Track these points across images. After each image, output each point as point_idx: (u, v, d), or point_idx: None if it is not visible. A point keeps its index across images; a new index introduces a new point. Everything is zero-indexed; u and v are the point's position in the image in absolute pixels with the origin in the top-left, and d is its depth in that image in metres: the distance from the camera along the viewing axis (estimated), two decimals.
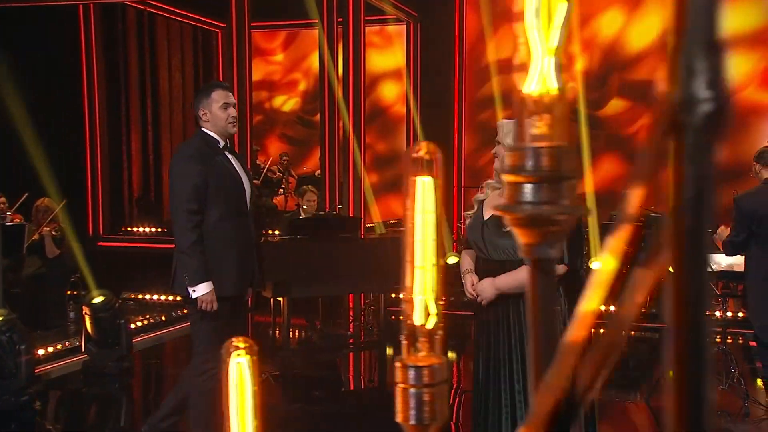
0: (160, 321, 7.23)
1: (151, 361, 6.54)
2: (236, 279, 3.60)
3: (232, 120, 3.60)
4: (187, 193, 3.49)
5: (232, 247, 3.58)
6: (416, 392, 0.56)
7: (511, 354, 2.95)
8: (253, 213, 3.82)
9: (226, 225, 3.57)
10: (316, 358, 6.37)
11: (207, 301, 3.47)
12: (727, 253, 4.54)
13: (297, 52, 12.56)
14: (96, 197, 10.05)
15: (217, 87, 3.68)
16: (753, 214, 4.26)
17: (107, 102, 10.23)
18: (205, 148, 3.59)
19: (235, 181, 3.62)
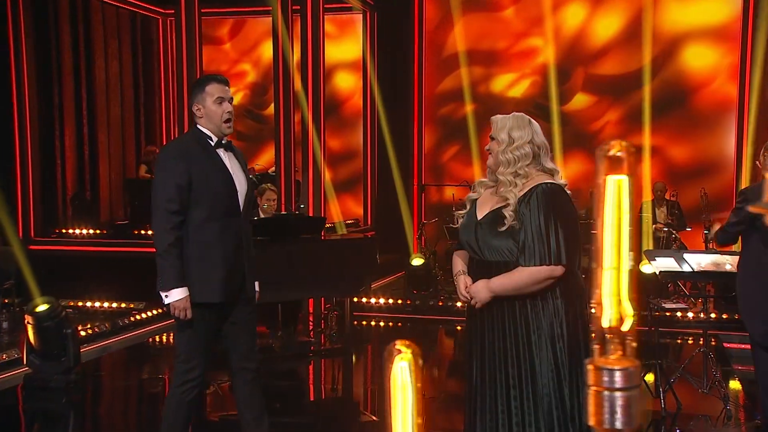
0: (105, 330, 7.05)
1: (98, 373, 6.37)
2: (219, 285, 3.49)
3: (228, 116, 3.52)
4: (168, 193, 3.43)
5: (216, 251, 3.49)
6: (610, 396, 0.55)
7: (506, 358, 2.96)
8: (250, 214, 3.72)
9: (212, 227, 3.48)
10: (277, 367, 6.31)
11: (179, 308, 3.41)
12: (718, 241, 4.64)
13: (245, 41, 12.41)
14: (26, 196, 9.71)
15: (212, 80, 3.55)
16: None
17: (38, 93, 9.91)
18: (194, 145, 3.52)
19: (224, 181, 3.52)
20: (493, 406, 2.98)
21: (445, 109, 10.98)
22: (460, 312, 8.07)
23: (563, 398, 2.91)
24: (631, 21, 10.14)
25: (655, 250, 5.90)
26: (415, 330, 7.90)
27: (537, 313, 2.94)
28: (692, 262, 4.96)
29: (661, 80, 9.93)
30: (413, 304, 8.29)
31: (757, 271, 4.40)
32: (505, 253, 2.96)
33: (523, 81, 10.63)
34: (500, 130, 3.05)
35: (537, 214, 2.91)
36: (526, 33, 10.58)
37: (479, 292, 2.99)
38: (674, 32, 9.96)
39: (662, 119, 9.80)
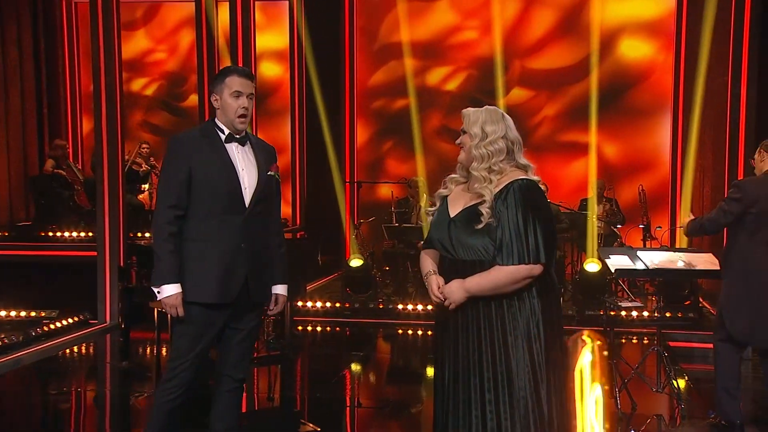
0: (16, 341, 6.75)
1: (10, 388, 6.10)
2: (214, 285, 3.48)
3: (243, 111, 3.51)
4: (168, 186, 3.48)
5: (212, 249, 3.48)
6: None
7: (481, 360, 2.97)
8: (263, 213, 3.64)
9: (210, 224, 3.48)
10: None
11: (169, 305, 3.45)
12: (700, 232, 4.81)
13: (160, 28, 12.09)
14: None
15: (233, 72, 3.57)
16: (755, 202, 4.51)
17: None
18: (201, 138, 3.54)
19: (227, 176, 3.50)
20: (467, 410, 2.98)
21: (379, 102, 10.99)
22: (401, 315, 8.13)
23: (540, 400, 2.94)
24: (568, 14, 10.41)
25: (608, 248, 6.09)
26: (356, 334, 7.89)
27: (513, 313, 2.96)
28: (646, 259, 5.13)
29: (598, 75, 10.22)
30: (352, 307, 8.27)
31: (744, 272, 4.58)
32: (480, 251, 2.98)
33: (459, 74, 10.75)
34: (473, 124, 3.07)
35: (514, 212, 2.93)
36: (462, 25, 10.71)
37: (454, 292, 3.00)
38: (610, 27, 10.27)
39: (599, 115, 10.08)
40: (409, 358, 7.19)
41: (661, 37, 10.23)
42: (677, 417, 5.15)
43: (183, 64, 11.89)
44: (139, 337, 7.02)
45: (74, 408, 5.62)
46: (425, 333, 7.81)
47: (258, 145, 3.68)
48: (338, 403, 5.68)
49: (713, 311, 7.81)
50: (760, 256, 4.54)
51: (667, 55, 10.17)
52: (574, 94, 10.36)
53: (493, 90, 10.48)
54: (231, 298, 3.52)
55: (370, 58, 11.00)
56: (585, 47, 10.30)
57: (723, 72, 7.83)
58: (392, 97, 10.93)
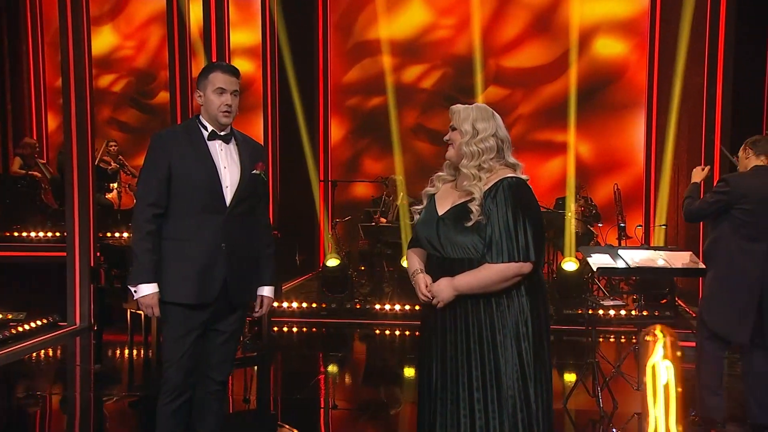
0: None
1: None
2: (194, 285, 3.45)
3: (226, 108, 3.49)
4: (147, 184, 3.47)
5: (190, 249, 3.45)
6: None
7: (470, 359, 2.98)
8: (247, 213, 3.60)
9: (189, 223, 3.46)
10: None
11: (146, 305, 3.44)
12: (689, 214, 4.84)
13: (128, 23, 11.94)
14: None
15: (216, 68, 3.54)
16: (742, 198, 4.56)
17: None
18: (182, 135, 3.53)
19: (207, 174, 3.47)
20: (455, 410, 2.99)
21: (353, 100, 10.98)
22: (379, 315, 8.12)
23: (528, 399, 2.96)
24: (543, 13, 10.48)
25: (590, 246, 6.13)
26: (333, 335, 7.87)
27: (502, 311, 2.98)
28: (627, 258, 5.17)
29: (572, 74, 10.31)
30: (329, 307, 8.24)
31: (728, 268, 4.64)
32: (469, 249, 2.99)
33: (434, 72, 10.77)
34: (464, 121, 3.08)
35: (504, 210, 2.95)
36: (437, 23, 10.73)
37: (442, 291, 3.00)
38: (584, 26, 10.35)
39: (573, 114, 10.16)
40: (387, 359, 7.18)
41: (635, 36, 10.35)
42: None
43: (152, 61, 11.75)
44: (112, 339, 6.93)
45: (44, 412, 5.52)
46: (403, 333, 7.82)
47: (244, 143, 3.64)
48: (315, 405, 5.65)
49: (689, 310, 7.92)
50: (744, 252, 4.60)
51: (641, 54, 10.29)
52: (548, 92, 10.44)
53: (469, 88, 10.53)
54: (209, 299, 3.49)
55: (344, 55, 10.98)
56: (559, 46, 10.39)
57: (698, 72, 7.93)
58: (367, 94, 10.92)
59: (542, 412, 3.00)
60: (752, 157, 4.75)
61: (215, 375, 3.65)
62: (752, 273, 4.62)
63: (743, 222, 4.59)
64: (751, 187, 4.59)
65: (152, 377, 6.10)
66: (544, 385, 3.03)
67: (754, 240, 4.61)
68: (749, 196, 4.57)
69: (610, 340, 7.42)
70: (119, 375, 6.41)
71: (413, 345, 7.59)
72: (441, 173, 3.24)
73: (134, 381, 6.28)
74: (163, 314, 3.50)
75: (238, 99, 3.54)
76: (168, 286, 3.45)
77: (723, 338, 4.77)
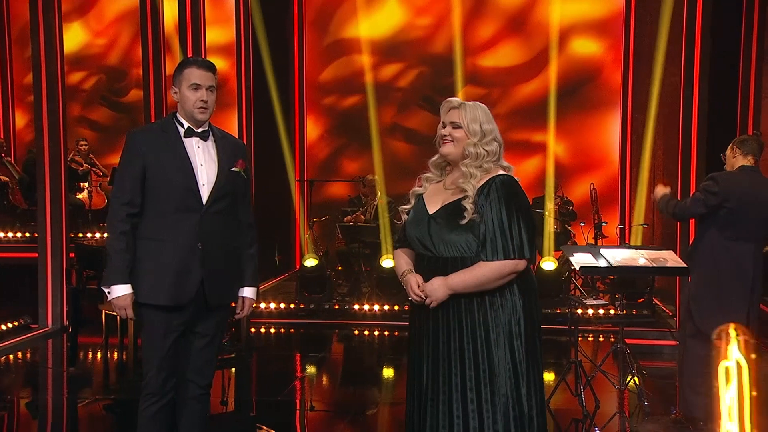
0: None
1: None
2: (169, 286, 3.39)
3: (201, 104, 3.42)
4: (122, 183, 3.43)
5: (168, 249, 3.39)
6: None
7: (463, 359, 2.96)
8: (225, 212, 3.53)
9: (163, 222, 3.40)
10: None
11: (119, 307, 3.38)
12: (674, 214, 4.88)
13: (98, 20, 11.79)
14: None
15: (191, 64, 3.47)
16: (730, 196, 4.60)
17: None
18: (158, 132, 3.48)
19: (182, 172, 3.41)
20: (447, 411, 2.97)
21: (329, 99, 10.94)
22: (358, 315, 8.11)
23: (521, 398, 2.96)
24: (519, 13, 10.53)
25: (572, 246, 6.17)
26: (312, 336, 7.83)
27: (496, 310, 2.97)
28: (609, 257, 5.21)
29: (548, 74, 10.38)
30: (307, 308, 8.20)
31: (714, 267, 4.67)
32: (463, 248, 2.98)
33: (411, 71, 10.77)
34: (472, 121, 3.06)
35: (498, 207, 2.95)
36: (413, 22, 10.73)
37: (436, 290, 2.98)
38: (560, 26, 10.40)
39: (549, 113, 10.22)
40: (366, 360, 7.16)
41: (610, 36, 10.43)
42: (640, 414, 5.24)
43: (124, 58, 11.63)
44: (86, 341, 6.83)
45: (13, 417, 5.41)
46: (382, 334, 7.81)
47: (224, 140, 3.58)
48: (294, 406, 5.62)
49: (665, 308, 8.00)
50: (729, 252, 4.65)
51: (616, 54, 10.38)
52: (525, 92, 10.49)
53: (445, 87, 10.54)
54: (185, 300, 3.42)
55: (320, 53, 10.93)
56: (536, 46, 10.45)
57: (675, 72, 8.02)
58: (343, 93, 10.89)
59: (535, 411, 3.01)
60: (739, 157, 4.80)
61: (198, 379, 3.59)
62: (740, 273, 4.67)
63: (729, 222, 4.63)
64: (738, 187, 4.64)
65: (128, 380, 6.04)
66: (537, 384, 3.03)
67: (740, 240, 4.65)
68: (736, 196, 4.62)
69: (589, 339, 7.47)
70: (94, 378, 6.31)
71: (392, 345, 7.59)
72: (428, 174, 3.23)
73: (109, 384, 6.18)
74: (139, 316, 3.45)
75: (214, 95, 3.47)
76: (143, 287, 3.39)
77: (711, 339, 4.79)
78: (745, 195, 4.62)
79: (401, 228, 3.25)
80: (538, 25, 10.44)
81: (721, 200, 4.62)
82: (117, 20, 11.64)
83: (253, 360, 6.88)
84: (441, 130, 3.12)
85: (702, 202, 4.68)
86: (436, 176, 3.21)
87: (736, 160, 4.80)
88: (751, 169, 4.75)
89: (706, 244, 4.72)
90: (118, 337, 6.37)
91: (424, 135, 10.56)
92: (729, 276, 4.66)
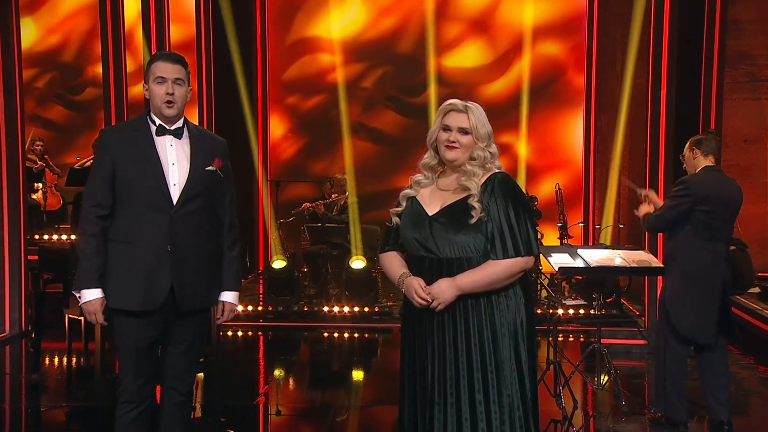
0: None
1: None
2: (138, 291, 3.29)
3: (167, 98, 3.32)
4: (91, 183, 3.36)
5: (137, 251, 3.29)
6: None
7: (470, 361, 2.91)
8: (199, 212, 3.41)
9: (133, 224, 3.30)
10: None
11: (89, 312, 3.32)
12: (652, 227, 4.90)
13: (51, 15, 11.49)
14: None
15: (158, 58, 3.38)
16: (704, 200, 4.62)
17: None
18: (128, 131, 3.42)
19: (152, 171, 3.31)
20: (456, 414, 2.91)
21: (293, 98, 10.82)
22: (328, 317, 8.03)
23: (525, 396, 2.94)
24: (484, 13, 10.55)
25: (549, 246, 6.17)
26: (280, 338, 7.74)
27: (501, 310, 2.94)
28: (586, 257, 5.22)
29: (512, 75, 10.42)
30: (275, 310, 8.07)
31: (690, 269, 4.70)
32: (470, 248, 2.93)
33: (375, 71, 10.72)
34: (482, 126, 3.03)
35: (505, 204, 2.93)
36: (378, 21, 10.68)
37: (444, 292, 2.91)
38: (525, 26, 10.46)
39: (514, 113, 10.26)
40: (337, 363, 7.08)
41: (573, 37, 10.49)
42: (618, 413, 5.27)
43: (79, 55, 11.35)
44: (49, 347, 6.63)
45: None
46: (352, 336, 7.76)
47: (200, 137, 3.47)
48: (264, 411, 5.53)
49: (632, 308, 8.08)
50: (705, 254, 4.69)
51: (579, 54, 10.45)
52: (490, 92, 10.51)
53: (410, 87, 10.53)
54: (154, 306, 3.32)
55: (283, 52, 10.80)
56: (500, 46, 10.48)
57: (641, 73, 8.11)
58: (307, 92, 10.78)
59: (536, 407, 3.00)
60: (700, 157, 4.83)
61: (178, 386, 3.50)
62: (715, 273, 4.72)
63: (704, 223, 4.66)
64: (709, 188, 4.68)
65: (94, 387, 5.87)
66: (534, 381, 3.02)
67: (713, 240, 4.71)
68: (708, 197, 4.65)
69: (559, 339, 7.50)
70: (57, 384, 6.12)
71: (362, 348, 7.53)
72: (419, 177, 3.15)
73: (73, 391, 6.00)
74: (110, 321, 3.36)
75: (184, 88, 3.36)
76: (113, 291, 3.31)
77: (690, 340, 4.82)
78: (716, 196, 4.67)
79: (390, 231, 3.17)
80: (502, 26, 10.47)
81: (694, 203, 4.64)
82: (72, 16, 11.36)
83: (223, 364, 6.74)
84: (443, 135, 3.05)
85: (673, 207, 4.71)
86: (427, 178, 3.14)
87: (698, 161, 4.83)
88: (715, 169, 4.81)
89: (682, 245, 4.74)
90: (82, 342, 6.18)
91: (389, 135, 10.53)
92: (707, 276, 4.70)
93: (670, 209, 4.74)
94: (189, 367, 3.53)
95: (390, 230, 3.17)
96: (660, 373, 4.93)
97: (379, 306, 8.14)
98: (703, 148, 4.81)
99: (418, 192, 3.13)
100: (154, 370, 3.44)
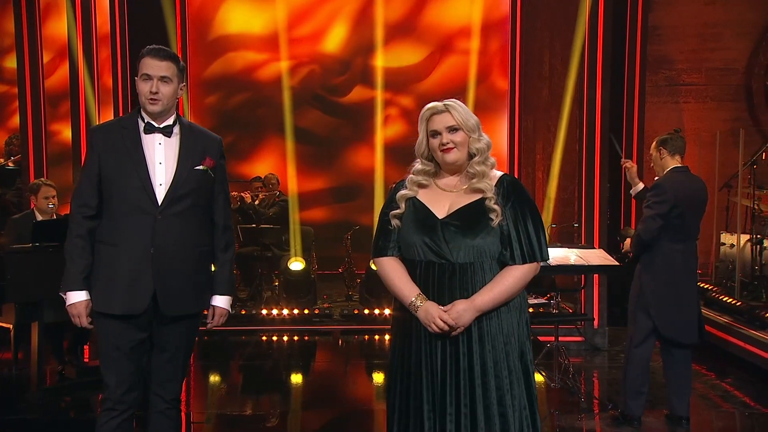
0: None
1: None
2: (122, 294, 3.19)
3: (151, 96, 3.22)
4: (79, 183, 3.31)
5: (121, 253, 3.19)
6: None
7: (485, 370, 2.80)
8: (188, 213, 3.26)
9: (120, 224, 3.20)
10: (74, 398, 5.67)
11: (73, 315, 3.26)
12: (639, 249, 4.83)
13: None
14: None
15: (146, 54, 3.26)
16: (677, 201, 4.67)
17: None
18: (115, 130, 3.29)
19: (137, 170, 3.18)
20: (470, 422, 2.79)
21: (213, 97, 10.52)
22: (266, 320, 7.91)
23: (531, 397, 2.89)
24: (410, 13, 10.55)
25: None
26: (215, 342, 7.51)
27: (511, 315, 2.86)
28: None
29: (438, 75, 10.47)
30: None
31: (667, 269, 4.75)
32: (485, 252, 2.82)
33: (301, 69, 10.55)
34: (468, 118, 2.92)
35: (519, 208, 2.84)
36: (303, 18, 10.51)
37: (462, 316, 2.76)
38: (450, 28, 10.53)
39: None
40: (273, 367, 6.87)
41: (497, 39, 10.61)
42: (577, 411, 5.32)
43: None
44: None
45: None
46: (291, 339, 7.65)
47: (192, 135, 3.32)
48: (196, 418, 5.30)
49: (566, 307, 8.22)
50: (680, 252, 4.77)
51: (503, 56, 10.58)
52: (415, 93, 10.52)
53: (336, 87, 10.42)
54: (137, 310, 3.19)
55: (203, 49, 10.48)
56: (425, 48, 10.51)
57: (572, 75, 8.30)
58: (229, 91, 10.51)
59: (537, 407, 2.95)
60: (667, 158, 4.91)
61: (164, 393, 3.38)
62: (691, 272, 4.81)
63: (675, 225, 4.73)
64: (680, 190, 4.77)
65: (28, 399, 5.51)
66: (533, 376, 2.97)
67: (683, 240, 4.79)
68: (683, 201, 4.74)
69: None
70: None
71: (300, 351, 7.38)
72: (419, 178, 2.98)
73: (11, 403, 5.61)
74: (94, 324, 3.26)
75: (170, 86, 3.23)
76: (97, 294, 3.23)
77: (675, 341, 4.86)
78: (687, 198, 4.76)
79: (390, 234, 2.96)
80: (428, 27, 10.51)
81: (671, 206, 4.71)
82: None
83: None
84: (434, 141, 2.92)
85: (656, 214, 4.73)
86: (424, 179, 2.98)
87: (665, 161, 4.91)
88: (683, 170, 4.89)
89: (657, 246, 4.78)
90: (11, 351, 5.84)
91: (316, 134, 10.36)
92: (683, 275, 4.79)
93: (652, 219, 4.73)
94: (174, 374, 3.39)
95: (389, 233, 2.97)
96: (623, 371, 4.99)
97: (318, 308, 8.02)
98: (669, 148, 4.89)
99: (417, 192, 2.97)
100: (139, 377, 3.29)
